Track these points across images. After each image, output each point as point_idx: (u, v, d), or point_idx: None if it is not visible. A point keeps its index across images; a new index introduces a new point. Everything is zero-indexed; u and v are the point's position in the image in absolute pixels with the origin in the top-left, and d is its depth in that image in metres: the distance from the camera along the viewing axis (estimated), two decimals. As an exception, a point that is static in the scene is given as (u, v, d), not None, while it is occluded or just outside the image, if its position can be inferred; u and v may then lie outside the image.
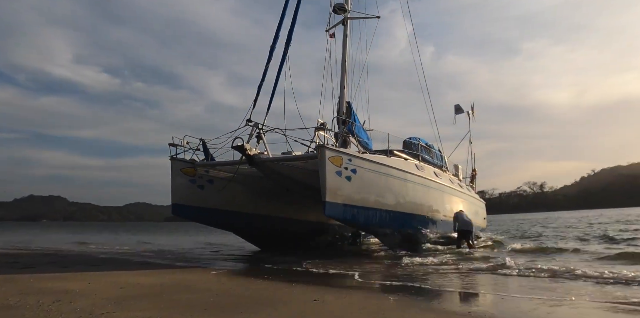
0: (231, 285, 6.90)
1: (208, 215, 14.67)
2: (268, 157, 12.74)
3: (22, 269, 9.36)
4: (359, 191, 12.18)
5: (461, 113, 26.21)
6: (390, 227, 13.54)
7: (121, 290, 6.16)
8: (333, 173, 11.50)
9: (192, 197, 14.22)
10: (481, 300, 6.00)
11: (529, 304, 5.33)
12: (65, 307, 4.75)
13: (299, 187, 14.46)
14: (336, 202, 11.61)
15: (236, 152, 12.68)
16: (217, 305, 5.11)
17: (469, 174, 25.90)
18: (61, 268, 9.81)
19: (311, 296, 5.70)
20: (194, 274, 8.48)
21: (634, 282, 6.81)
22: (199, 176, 14.31)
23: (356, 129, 15.08)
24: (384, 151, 14.15)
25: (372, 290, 6.88)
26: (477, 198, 23.43)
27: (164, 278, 7.58)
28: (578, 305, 5.18)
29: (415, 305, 5.33)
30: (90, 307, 4.74)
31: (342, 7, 16.89)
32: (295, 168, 13.14)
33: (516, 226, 35.52)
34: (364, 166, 12.35)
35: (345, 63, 16.81)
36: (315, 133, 11.95)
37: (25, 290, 5.99)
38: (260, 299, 5.53)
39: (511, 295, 5.94)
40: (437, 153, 19.06)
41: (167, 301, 5.29)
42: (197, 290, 6.24)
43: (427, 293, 6.28)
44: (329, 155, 11.40)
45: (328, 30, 17.72)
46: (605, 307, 5.07)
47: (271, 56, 13.65)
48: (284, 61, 13.41)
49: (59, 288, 6.21)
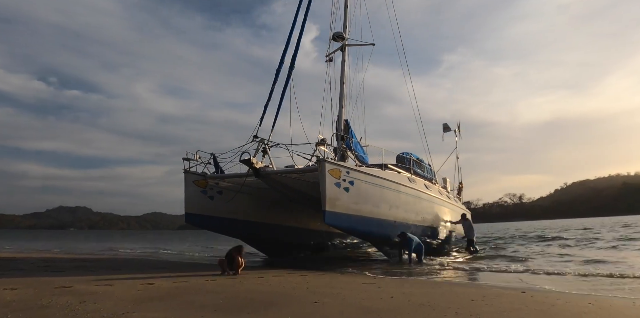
0: (239, 288, 6.85)
1: (218, 223, 14.61)
2: (273, 170, 12.74)
3: (53, 272, 9.36)
4: (356, 201, 12.14)
5: (449, 131, 26.19)
6: (384, 234, 13.45)
7: (139, 292, 6.12)
8: (332, 184, 11.48)
9: (203, 207, 14.18)
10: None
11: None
12: (90, 307, 4.75)
13: (301, 197, 14.43)
14: (335, 211, 11.55)
15: (244, 165, 12.66)
16: (226, 306, 5.07)
17: (457, 186, 25.81)
18: (87, 271, 9.81)
19: (312, 298, 5.66)
20: (205, 278, 8.39)
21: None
22: (209, 187, 14.28)
23: (353, 144, 15.14)
24: (379, 165, 14.15)
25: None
26: (464, 208, 23.31)
27: (178, 282, 7.53)
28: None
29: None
30: (112, 308, 4.73)
31: (341, 35, 17.11)
32: (298, 179, 13.13)
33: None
34: (361, 178, 12.33)
35: (343, 85, 16.89)
36: (316, 147, 11.94)
37: (56, 292, 5.97)
38: (265, 300, 5.48)
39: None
40: (427, 167, 19.05)
41: (180, 302, 5.26)
42: (208, 293, 6.20)
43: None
44: (329, 168, 11.40)
45: (328, 55, 17.86)
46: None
47: (276, 78, 13.78)
48: (287, 83, 13.53)
49: (84, 290, 6.18)
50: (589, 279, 8.98)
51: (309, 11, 14.40)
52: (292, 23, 14.36)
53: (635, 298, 6.34)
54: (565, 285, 8.08)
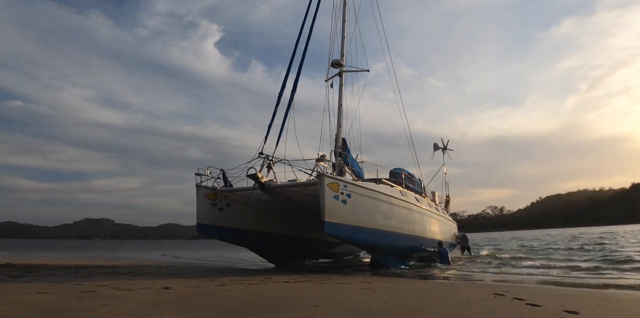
0: (246, 292, 6.81)
1: (227, 233, 14.56)
2: (277, 184, 12.77)
3: (80, 278, 9.34)
4: (353, 212, 12.12)
5: (438, 150, 26.31)
6: (378, 243, 13.38)
7: (155, 296, 6.08)
8: (331, 197, 11.48)
9: (213, 218, 14.15)
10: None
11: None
12: (112, 310, 4.73)
13: (302, 209, 14.40)
14: (334, 222, 11.53)
15: (250, 180, 12.69)
16: (234, 309, 5.03)
17: (444, 199, 25.77)
18: (109, 277, 9.77)
19: (312, 302, 5.62)
20: (215, 282, 8.33)
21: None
22: (219, 200, 14.28)
23: (350, 161, 15.20)
24: (374, 179, 14.18)
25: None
26: (450, 219, 23.22)
27: (191, 286, 7.48)
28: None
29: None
30: (131, 310, 4.71)
31: (339, 62, 17.35)
32: (300, 193, 13.13)
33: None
34: (357, 191, 12.33)
35: (341, 107, 17.02)
36: (316, 163, 11.99)
37: (83, 295, 5.96)
38: (270, 304, 5.45)
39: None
40: (418, 181, 19.07)
41: (192, 305, 5.22)
42: (217, 297, 6.15)
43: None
44: (328, 182, 11.42)
45: (327, 80, 18.08)
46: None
47: (279, 101, 13.94)
48: (290, 105, 13.68)
49: (107, 294, 6.17)
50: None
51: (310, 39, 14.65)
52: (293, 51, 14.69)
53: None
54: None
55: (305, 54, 14.55)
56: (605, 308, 5.52)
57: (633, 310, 5.51)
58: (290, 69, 14.38)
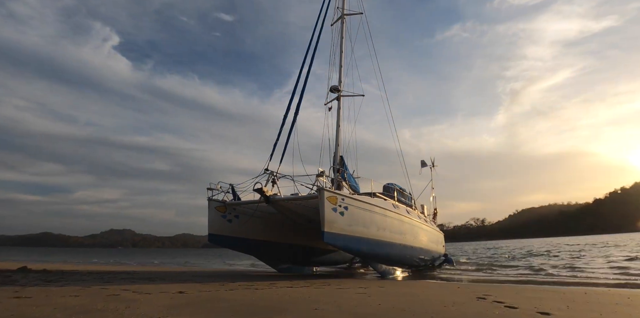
0: (253, 297, 6.76)
1: (235, 242, 14.49)
2: (281, 197, 12.79)
3: (105, 283, 9.32)
4: (349, 223, 12.10)
5: (425, 167, 26.30)
6: (373, 251, 13.30)
7: (171, 300, 6.06)
8: (330, 209, 11.49)
9: (223, 228, 14.11)
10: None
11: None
12: (133, 312, 4.74)
13: (304, 220, 14.37)
14: (332, 232, 11.50)
15: (257, 193, 12.71)
16: (241, 311, 5.03)
17: (432, 212, 25.66)
18: (130, 282, 9.72)
19: (313, 306, 5.60)
20: (225, 287, 8.28)
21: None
22: (228, 212, 14.26)
23: (347, 176, 15.25)
24: (369, 193, 14.19)
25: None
26: (438, 230, 23.04)
27: (203, 291, 7.44)
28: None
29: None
30: (150, 312, 4.72)
31: (337, 88, 17.65)
32: (302, 205, 13.14)
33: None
34: (354, 204, 12.34)
35: (339, 127, 17.23)
36: (316, 178, 12.04)
37: (108, 299, 5.96)
38: (274, 307, 5.43)
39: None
40: (408, 195, 19.08)
41: (205, 308, 5.22)
42: (227, 300, 6.12)
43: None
44: (327, 195, 11.45)
45: (326, 104, 18.32)
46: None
47: (284, 122, 14.13)
48: (293, 125, 13.84)
49: (128, 297, 6.17)
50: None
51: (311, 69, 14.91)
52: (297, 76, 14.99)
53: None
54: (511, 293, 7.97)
55: (306, 85, 14.77)
56: (572, 309, 5.52)
57: (598, 311, 5.48)
58: (294, 95, 14.62)
